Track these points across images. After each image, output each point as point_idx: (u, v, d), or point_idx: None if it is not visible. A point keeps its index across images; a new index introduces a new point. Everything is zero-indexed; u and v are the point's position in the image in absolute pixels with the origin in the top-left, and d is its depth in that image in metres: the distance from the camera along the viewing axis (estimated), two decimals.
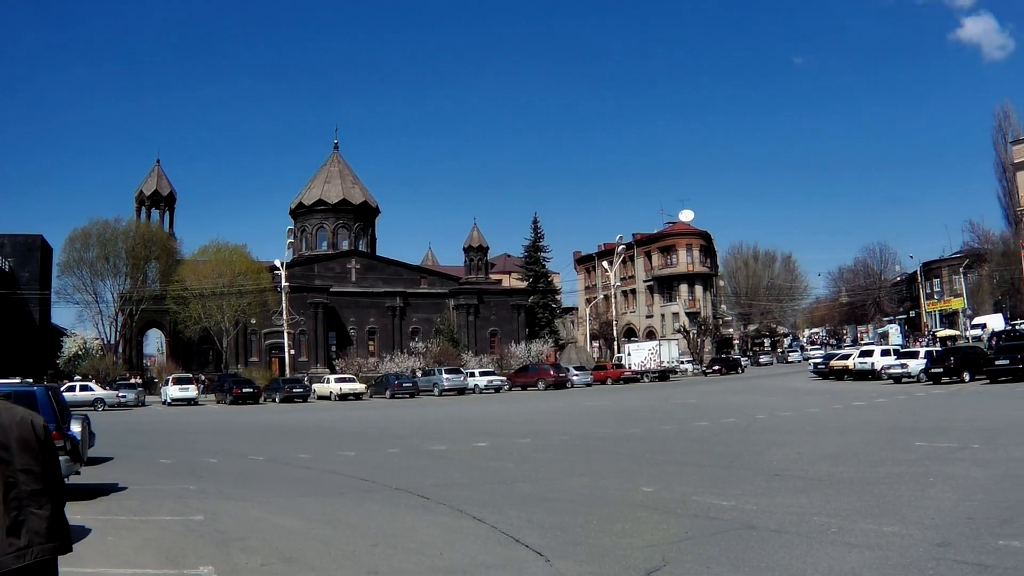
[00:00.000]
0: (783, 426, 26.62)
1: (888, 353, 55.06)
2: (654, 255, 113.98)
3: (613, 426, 29.39)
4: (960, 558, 8.70)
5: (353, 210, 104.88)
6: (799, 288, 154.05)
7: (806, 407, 34.17)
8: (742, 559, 9.26)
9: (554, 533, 11.10)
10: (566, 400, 49.76)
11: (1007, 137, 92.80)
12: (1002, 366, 40.82)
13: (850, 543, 9.75)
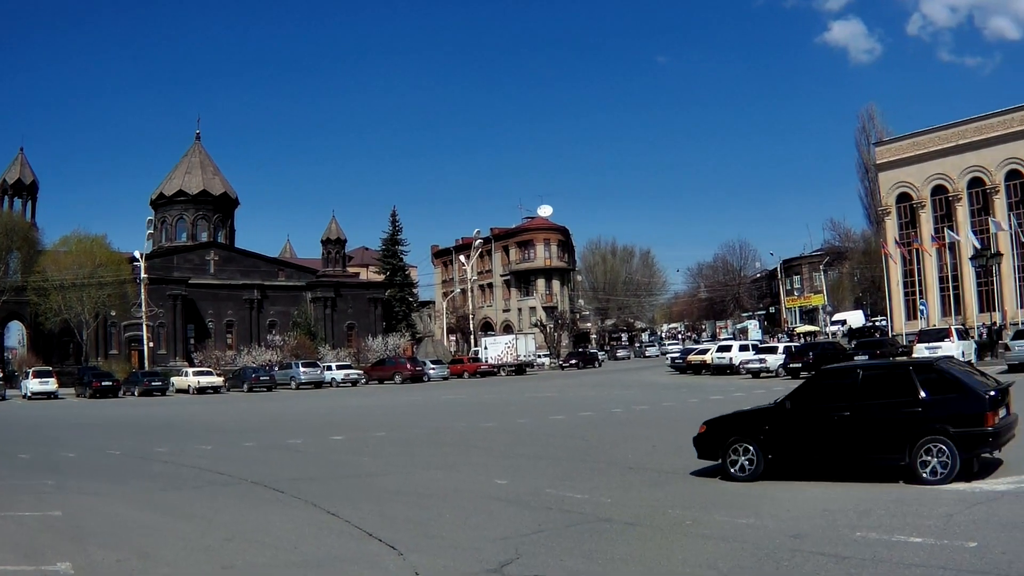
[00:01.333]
0: (639, 420, 27.04)
1: (747, 348, 56.16)
2: (512, 250, 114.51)
3: (469, 420, 29.57)
4: (816, 549, 8.81)
5: (213, 201, 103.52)
6: (657, 283, 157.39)
7: (663, 401, 34.74)
8: (596, 552, 9.29)
9: (408, 527, 11.17)
10: (422, 394, 49.71)
11: (870, 138, 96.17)
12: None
13: (705, 535, 9.85)
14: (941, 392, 12.42)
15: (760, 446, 13.59)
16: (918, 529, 9.40)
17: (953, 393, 12.35)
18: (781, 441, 13.56)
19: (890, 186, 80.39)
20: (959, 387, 12.43)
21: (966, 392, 12.28)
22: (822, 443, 13.20)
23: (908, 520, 9.92)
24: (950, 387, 12.48)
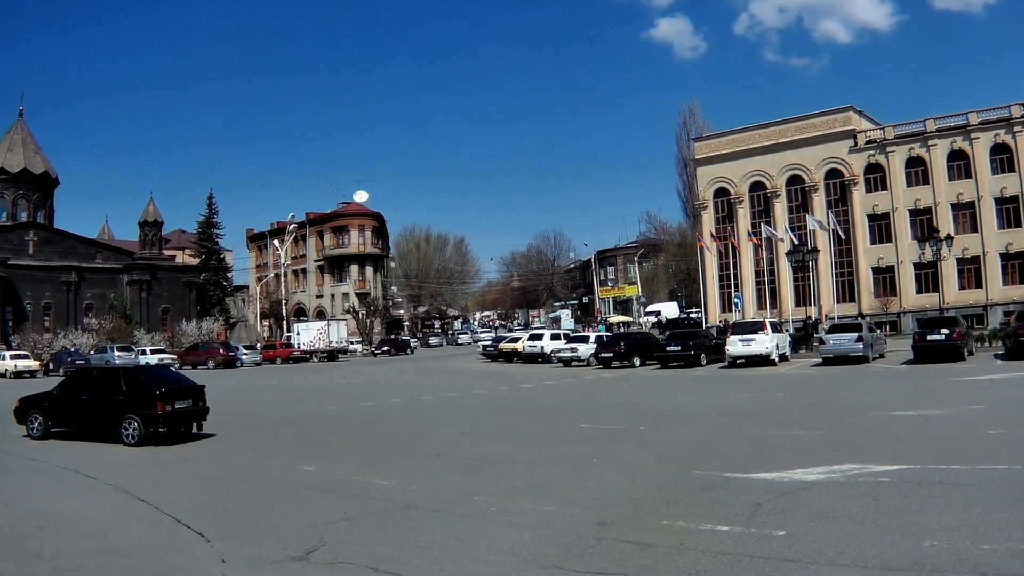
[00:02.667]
0: (448, 407, 27.42)
1: (558, 337, 57.64)
2: (327, 235, 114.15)
3: (280, 406, 29.93)
4: (622, 537, 8.87)
5: (33, 180, 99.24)
6: (471, 272, 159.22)
7: (473, 388, 35.28)
8: (401, 539, 9.36)
9: (217, 513, 11.31)
10: (235, 380, 49.31)
11: (690, 134, 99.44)
12: (673, 352, 43.58)
13: (510, 522, 9.87)
14: (134, 387, 19.27)
15: (45, 416, 20.67)
16: (726, 518, 9.54)
17: (139, 388, 19.12)
18: (55, 414, 20.57)
19: (708, 181, 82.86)
20: (141, 385, 19.20)
21: (145, 389, 19.00)
22: (74, 416, 20.27)
23: (716, 509, 10.07)
24: (138, 385, 19.27)
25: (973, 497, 9.99)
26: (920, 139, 72.99)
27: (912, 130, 74.54)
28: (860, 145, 75.51)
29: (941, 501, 9.90)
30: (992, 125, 70.81)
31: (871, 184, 75.13)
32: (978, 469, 11.74)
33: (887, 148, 74.33)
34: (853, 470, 12.04)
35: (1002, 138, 70.05)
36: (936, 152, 72.31)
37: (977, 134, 70.79)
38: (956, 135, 71.88)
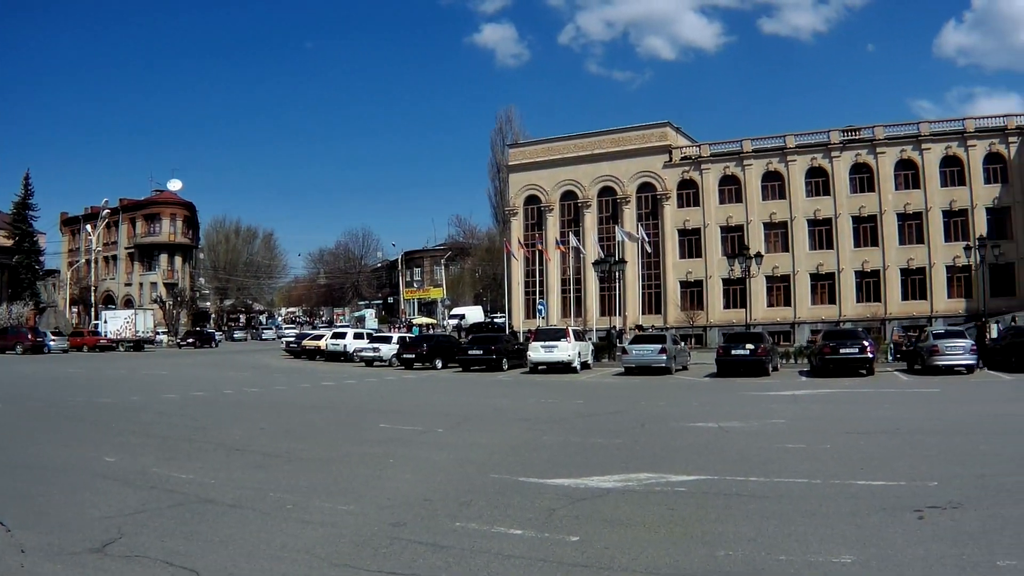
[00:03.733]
0: (249, 401, 27.47)
1: (361, 336, 58.70)
2: (139, 222, 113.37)
3: (85, 394, 29.41)
4: (415, 538, 8.88)
5: None
6: (278, 266, 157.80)
7: (274, 384, 35.57)
8: (197, 533, 9.35)
9: (17, 502, 11.07)
10: (42, 366, 49.05)
11: (505, 139, 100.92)
12: (475, 356, 44.41)
13: (305, 520, 9.88)
14: None
15: None
16: (519, 522, 9.60)
17: None
18: None
19: (520, 187, 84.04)
20: None
21: None
22: None
23: (510, 512, 10.13)
24: None
25: (770, 509, 10.29)
26: (736, 158, 75.88)
27: (729, 149, 77.53)
28: (675, 161, 78.01)
29: (738, 512, 10.15)
30: (809, 149, 74.11)
31: (684, 199, 77.65)
32: (776, 482, 12.09)
33: (702, 165, 77.00)
34: (650, 479, 12.25)
35: (819, 162, 73.51)
36: (751, 172, 74.97)
37: (794, 157, 74.07)
38: (773, 156, 75.10)
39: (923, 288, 72.42)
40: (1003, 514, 9.72)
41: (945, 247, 71.32)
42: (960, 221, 71.89)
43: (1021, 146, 71.39)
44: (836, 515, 9.89)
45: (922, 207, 72.52)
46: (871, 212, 73.57)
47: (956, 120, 75.75)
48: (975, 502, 10.42)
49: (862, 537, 8.84)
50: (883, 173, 73.53)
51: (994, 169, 72.16)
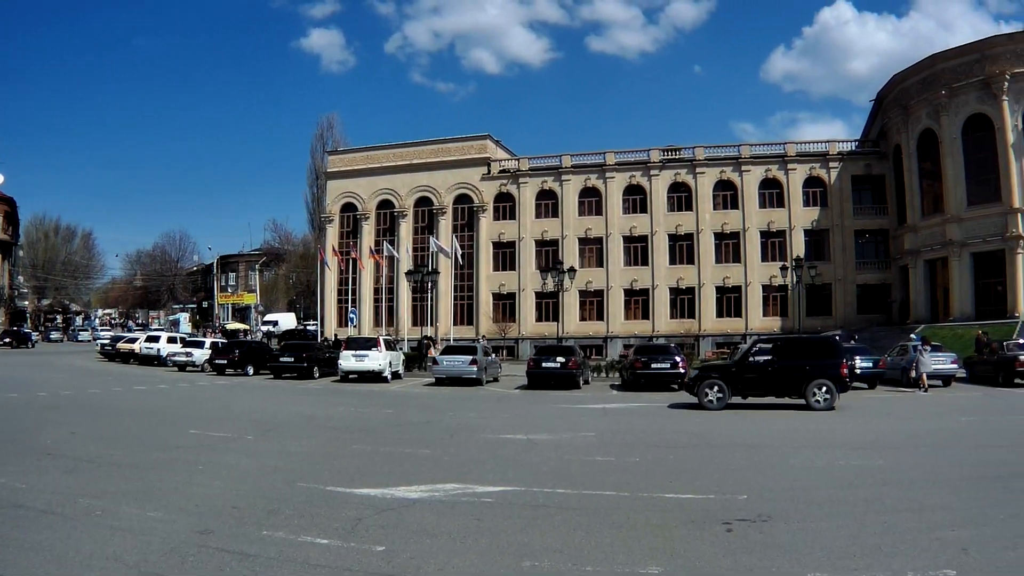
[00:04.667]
0: (62, 405, 26.80)
1: (175, 340, 58.04)
2: None
3: None
4: (222, 546, 8.93)
5: None
6: (96, 267, 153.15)
7: (88, 387, 34.70)
8: (8, 539, 9.22)
9: None
10: None
11: (326, 146, 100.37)
12: (286, 363, 44.06)
13: (114, 526, 9.79)
14: None
15: None
16: (325, 531, 9.71)
17: None
18: None
19: (337, 194, 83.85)
20: None
21: None
22: None
23: (316, 521, 10.22)
24: None
25: (577, 521, 10.42)
26: (555, 173, 76.90)
27: (548, 164, 78.56)
28: (493, 174, 78.75)
29: (544, 523, 10.30)
30: (629, 167, 75.66)
31: (500, 212, 78.41)
32: (584, 494, 12.23)
33: (520, 179, 77.85)
34: (457, 489, 12.42)
35: (637, 180, 75.21)
36: (569, 187, 76.17)
37: (612, 174, 75.58)
38: (592, 173, 76.38)
39: (738, 306, 74.50)
40: (813, 527, 10.07)
41: (762, 266, 73.64)
42: (778, 242, 74.29)
43: (842, 171, 74.70)
44: (644, 527, 10.08)
45: (740, 227, 74.77)
46: (688, 230, 75.32)
47: (778, 144, 78.30)
48: (785, 515, 10.73)
49: (669, 549, 9.05)
50: (702, 193, 75.42)
51: (814, 192, 74.95)
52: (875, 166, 75.02)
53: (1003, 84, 60.93)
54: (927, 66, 67.47)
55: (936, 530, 9.91)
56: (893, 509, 11.18)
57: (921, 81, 67.81)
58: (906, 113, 69.03)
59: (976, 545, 9.16)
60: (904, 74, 70.23)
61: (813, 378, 27.02)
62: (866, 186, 75.58)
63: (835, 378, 27.12)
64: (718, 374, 28.19)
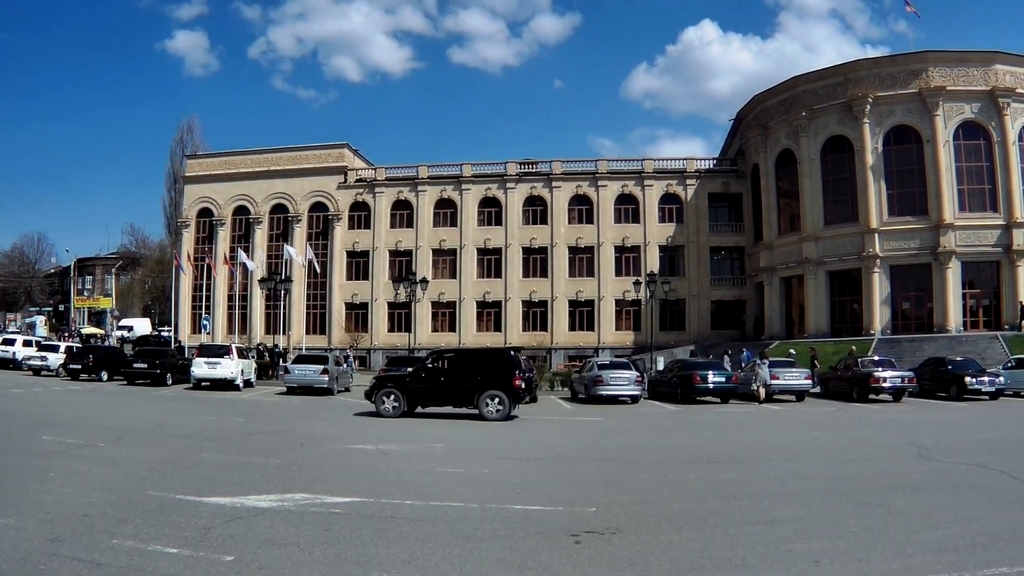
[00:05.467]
0: None
1: (30, 344, 56.37)
2: None
3: None
4: (73, 555, 8.89)
5: None
6: None
7: None
8: None
9: None
10: None
11: (185, 150, 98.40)
12: (140, 369, 43.57)
13: None
14: None
15: None
16: (175, 540, 9.65)
17: None
18: None
19: (194, 199, 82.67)
20: None
21: None
22: None
23: (166, 530, 10.17)
24: None
25: (425, 532, 10.49)
26: (411, 184, 76.93)
27: (405, 174, 78.56)
28: (350, 182, 78.59)
29: (392, 534, 10.35)
30: (485, 179, 76.20)
31: (355, 221, 78.21)
32: (432, 505, 12.30)
33: (376, 188, 77.78)
34: (306, 499, 12.44)
35: (493, 192, 75.79)
36: (425, 198, 76.35)
37: (468, 186, 75.92)
38: (448, 184, 76.60)
39: (591, 320, 75.49)
40: (662, 540, 10.13)
41: (616, 281, 74.78)
42: (633, 257, 75.54)
43: (699, 188, 76.43)
44: (491, 538, 10.14)
45: (595, 242, 75.83)
46: (543, 244, 76.20)
47: (636, 160, 79.89)
48: (634, 528, 10.83)
49: (517, 560, 9.10)
50: (557, 207, 76.38)
51: (670, 209, 76.48)
52: (733, 184, 77.17)
53: (865, 107, 63.34)
54: (789, 87, 69.89)
55: (787, 543, 10.07)
56: (744, 522, 11.35)
57: (782, 102, 70.06)
58: (766, 133, 71.15)
59: (828, 557, 9.33)
60: (765, 94, 72.47)
61: (485, 389, 28.03)
62: (723, 204, 77.74)
63: (508, 389, 28.06)
64: (393, 384, 29.29)
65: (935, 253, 61.35)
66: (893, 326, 62.58)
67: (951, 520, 11.43)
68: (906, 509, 12.31)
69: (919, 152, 63.07)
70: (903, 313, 64.01)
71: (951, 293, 61.13)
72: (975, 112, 62.66)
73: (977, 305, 62.66)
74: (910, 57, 65.44)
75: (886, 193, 63.70)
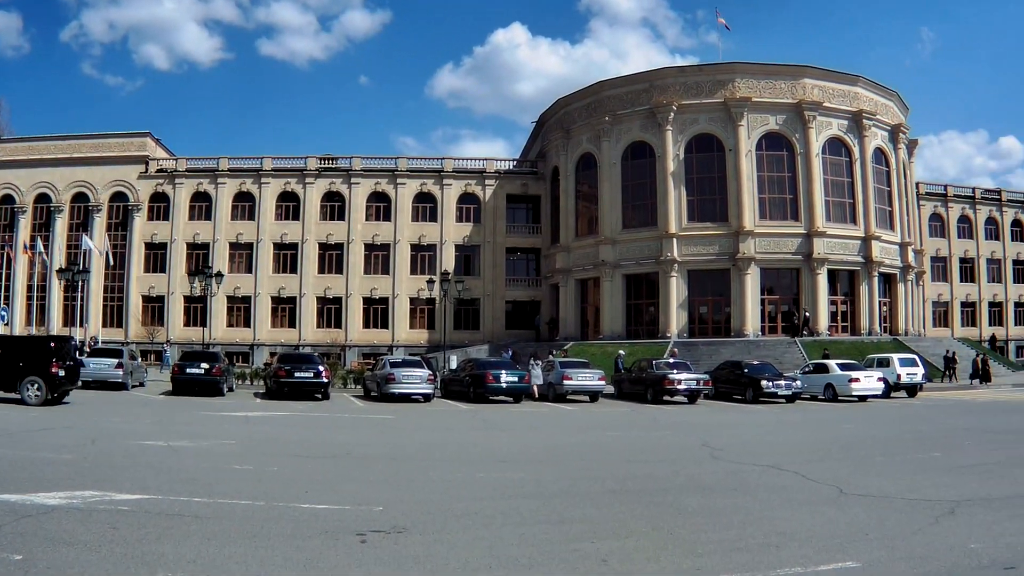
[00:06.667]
0: None
1: None
2: None
3: None
4: None
5: None
6: None
7: None
8: None
9: None
10: None
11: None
12: None
13: None
14: None
15: None
16: None
17: None
18: None
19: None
20: None
21: None
22: None
23: None
24: None
25: (212, 530, 10.31)
26: (211, 175, 75.52)
27: (206, 166, 76.90)
28: (151, 172, 76.79)
29: (179, 532, 10.11)
30: (285, 173, 75.40)
31: (155, 213, 76.55)
32: (220, 503, 12.20)
33: (176, 180, 76.26)
34: (94, 497, 12.16)
35: (293, 187, 75.33)
36: (224, 191, 75.13)
37: (268, 179, 75.03)
38: (248, 177, 75.55)
39: (386, 318, 75.69)
40: (448, 539, 10.12)
41: (411, 279, 75.03)
42: (429, 256, 76.19)
43: (497, 189, 77.57)
44: (278, 537, 10.06)
45: (391, 239, 76.08)
46: (339, 240, 76.10)
47: (436, 159, 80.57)
48: (420, 527, 10.78)
49: (303, 560, 9.02)
50: (355, 203, 76.33)
51: (468, 208, 77.60)
52: (532, 186, 78.71)
53: (669, 114, 65.37)
54: (594, 91, 71.49)
55: (576, 542, 10.08)
56: (533, 521, 11.32)
57: (586, 106, 71.69)
58: (568, 136, 72.60)
59: (617, 557, 9.36)
60: (569, 98, 74.00)
61: (26, 375, 28.59)
62: (521, 205, 79.49)
63: (47, 376, 28.55)
64: None
65: (734, 259, 63.92)
66: (690, 329, 64.95)
67: (743, 520, 11.61)
68: (697, 509, 12.45)
69: (721, 160, 65.80)
70: (700, 317, 66.36)
71: (749, 299, 63.92)
72: (779, 124, 65.77)
73: (776, 311, 65.57)
74: (718, 67, 68.35)
75: (687, 199, 66.02)
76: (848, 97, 68.80)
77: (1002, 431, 26.06)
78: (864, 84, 70.57)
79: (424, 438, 23.81)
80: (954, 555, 9.56)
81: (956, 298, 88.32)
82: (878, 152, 70.62)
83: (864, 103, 69.44)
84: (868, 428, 27.91)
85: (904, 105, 77.00)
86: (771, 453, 19.49)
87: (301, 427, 25.99)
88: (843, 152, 68.00)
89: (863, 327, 66.32)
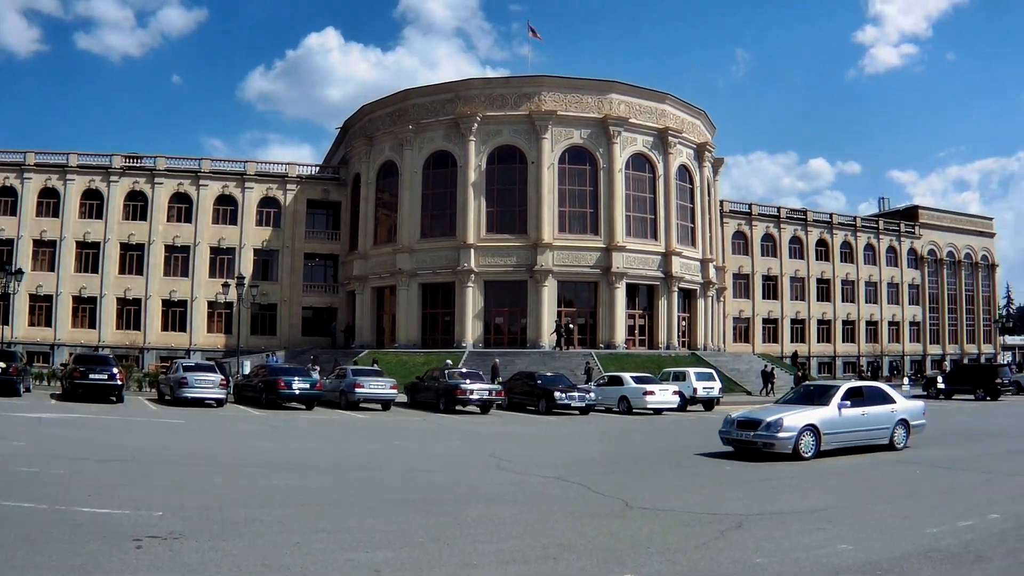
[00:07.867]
0: None
1: None
2: None
3: None
4: None
5: None
6: None
7: None
8: None
9: None
10: None
11: None
12: None
13: None
14: None
15: None
16: None
17: None
18: None
19: None
20: None
21: None
22: None
23: None
24: None
25: None
26: (17, 170, 73.01)
27: (11, 159, 74.08)
28: None
29: None
30: (90, 170, 73.57)
31: None
32: (1, 505, 12.05)
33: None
34: None
35: (97, 184, 73.26)
36: (30, 186, 72.98)
37: (73, 176, 73.00)
38: (53, 173, 73.02)
39: (184, 321, 74.11)
40: (224, 546, 10.10)
41: (209, 282, 73.39)
42: (228, 259, 74.52)
43: (299, 194, 76.73)
44: (56, 542, 9.94)
45: (192, 241, 74.34)
46: (140, 240, 73.85)
47: (239, 161, 78.75)
48: (197, 533, 10.76)
49: (78, 565, 8.94)
50: (158, 203, 74.20)
51: (268, 213, 76.34)
52: (333, 192, 78.32)
53: (472, 125, 65.85)
54: (399, 99, 71.59)
55: (351, 551, 10.12)
56: (309, 530, 11.30)
57: (391, 114, 71.65)
58: (371, 143, 72.44)
59: (390, 567, 9.44)
60: (374, 105, 73.99)
61: None
62: (322, 211, 78.91)
63: None
64: None
65: (531, 271, 64.58)
66: (486, 340, 65.35)
67: (523, 532, 11.72)
68: (477, 519, 12.57)
69: (523, 173, 66.41)
70: (496, 327, 66.93)
71: (546, 310, 64.68)
72: (584, 138, 66.93)
73: (572, 323, 66.08)
74: (525, 80, 69.19)
75: (486, 210, 66.44)
76: (655, 114, 70.61)
77: None
78: (672, 102, 72.61)
79: (212, 444, 23.85)
80: (737, 569, 9.83)
81: (758, 315, 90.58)
82: (682, 169, 72.78)
83: (671, 120, 71.13)
84: (659, 441, 28.44)
85: (711, 124, 79.68)
86: (559, 464, 19.44)
87: (92, 429, 25.66)
88: (647, 168, 69.76)
89: (661, 341, 68.12)
